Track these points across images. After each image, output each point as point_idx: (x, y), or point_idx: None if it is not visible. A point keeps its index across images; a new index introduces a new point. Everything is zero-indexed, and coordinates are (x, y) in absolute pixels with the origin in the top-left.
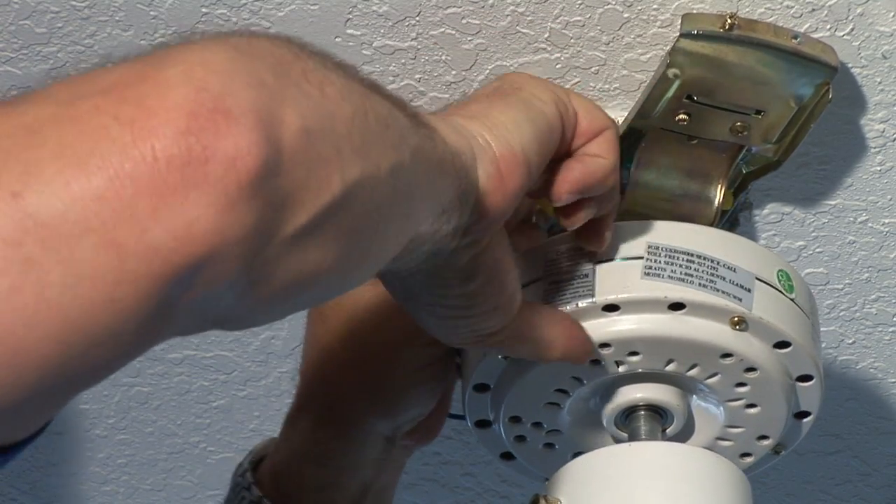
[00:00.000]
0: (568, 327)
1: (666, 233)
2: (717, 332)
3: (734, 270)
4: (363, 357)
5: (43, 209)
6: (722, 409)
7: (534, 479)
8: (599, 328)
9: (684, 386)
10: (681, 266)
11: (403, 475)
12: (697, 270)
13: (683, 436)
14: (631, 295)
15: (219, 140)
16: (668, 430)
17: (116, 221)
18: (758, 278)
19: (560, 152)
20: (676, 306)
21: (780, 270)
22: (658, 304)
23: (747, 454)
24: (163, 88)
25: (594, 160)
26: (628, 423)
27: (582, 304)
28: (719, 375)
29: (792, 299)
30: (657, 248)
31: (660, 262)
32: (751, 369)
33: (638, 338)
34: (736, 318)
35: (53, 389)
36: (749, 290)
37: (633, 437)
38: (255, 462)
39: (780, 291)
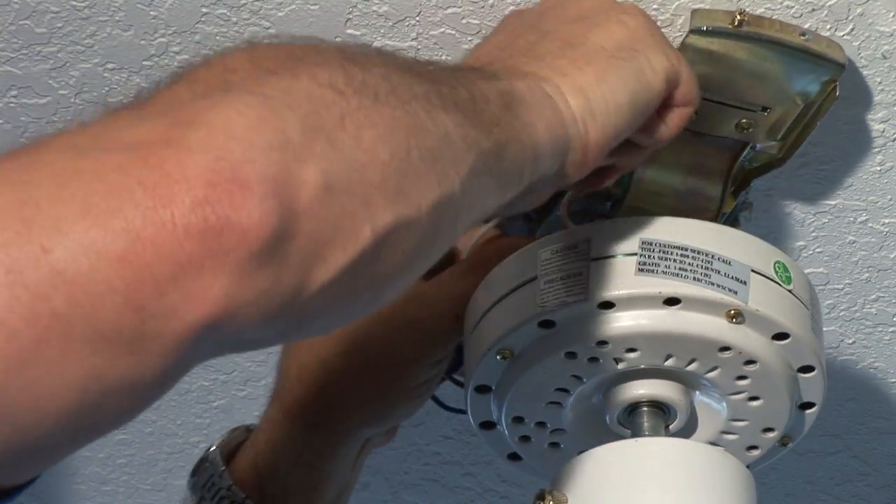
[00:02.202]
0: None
1: (660, 228)
2: (713, 326)
3: (729, 263)
4: (369, 372)
5: (71, 267)
6: (724, 403)
7: (541, 479)
8: (595, 326)
9: (686, 381)
10: (675, 261)
11: (403, 475)
12: (692, 265)
13: (687, 431)
14: (625, 291)
15: (233, 211)
16: (671, 427)
17: (138, 283)
18: (753, 270)
19: None
20: (672, 301)
21: (777, 262)
22: (653, 300)
23: (754, 447)
24: (185, 155)
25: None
26: (631, 420)
27: (576, 301)
28: (719, 369)
29: (790, 290)
30: (651, 243)
31: (654, 257)
32: (750, 362)
33: (634, 334)
34: (732, 312)
35: (71, 433)
36: (745, 283)
37: (636, 433)
38: (227, 457)
39: (776, 283)
